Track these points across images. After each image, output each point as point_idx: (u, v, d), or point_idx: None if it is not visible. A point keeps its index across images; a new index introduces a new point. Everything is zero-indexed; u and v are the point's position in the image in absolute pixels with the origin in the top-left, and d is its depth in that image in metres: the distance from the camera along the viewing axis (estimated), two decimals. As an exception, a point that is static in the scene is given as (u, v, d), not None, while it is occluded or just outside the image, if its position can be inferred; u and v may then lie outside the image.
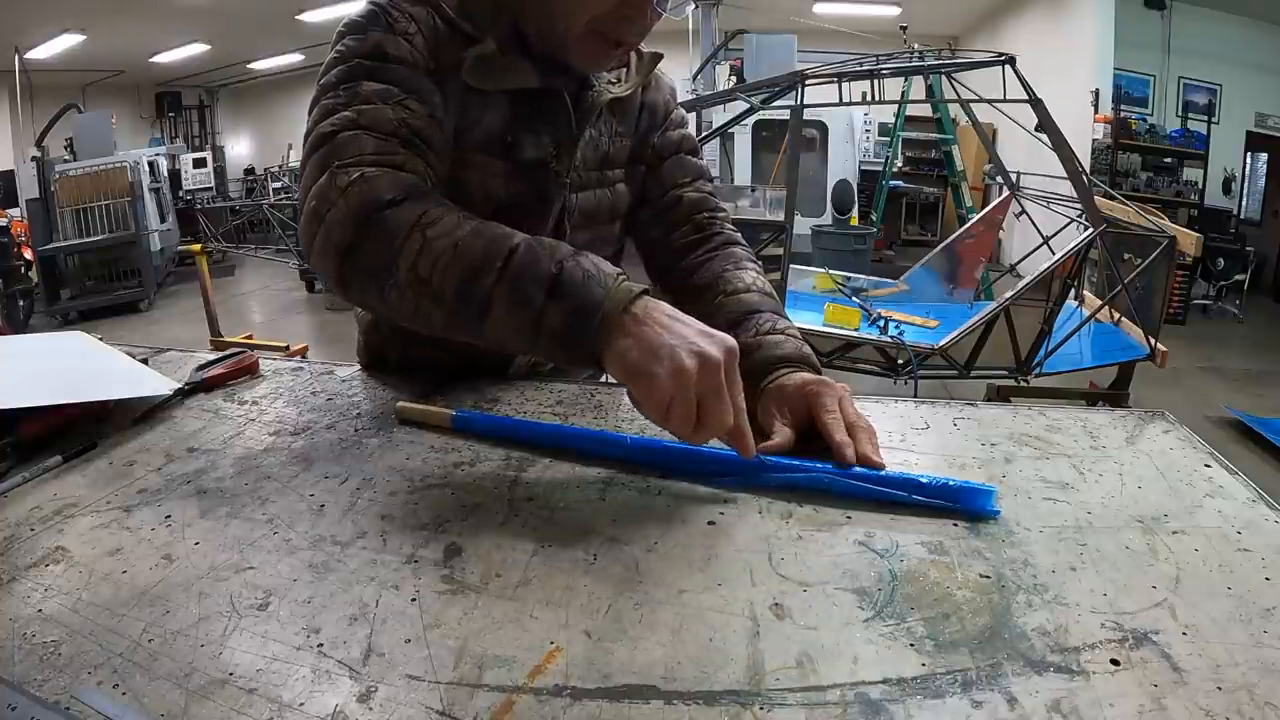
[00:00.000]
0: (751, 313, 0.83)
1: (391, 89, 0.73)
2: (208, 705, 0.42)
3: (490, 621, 0.48)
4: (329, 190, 0.68)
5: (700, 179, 0.99)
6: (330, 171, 0.68)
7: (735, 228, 0.98)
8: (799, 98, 3.37)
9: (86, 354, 0.91)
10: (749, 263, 0.92)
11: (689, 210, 0.96)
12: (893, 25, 7.71)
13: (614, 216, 0.96)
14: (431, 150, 0.73)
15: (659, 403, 0.57)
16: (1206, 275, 6.31)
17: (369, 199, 0.66)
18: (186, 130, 11.39)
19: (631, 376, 0.59)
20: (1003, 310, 3.20)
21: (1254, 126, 6.71)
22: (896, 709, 0.42)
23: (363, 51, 0.75)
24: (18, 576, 0.53)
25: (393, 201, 0.66)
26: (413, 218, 0.65)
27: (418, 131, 0.73)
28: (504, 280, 0.62)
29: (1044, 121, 3.29)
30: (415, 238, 0.64)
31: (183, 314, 6.39)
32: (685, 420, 0.57)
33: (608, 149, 0.93)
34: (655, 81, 0.99)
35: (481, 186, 0.83)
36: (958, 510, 0.60)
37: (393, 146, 0.70)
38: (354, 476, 0.67)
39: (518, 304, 0.61)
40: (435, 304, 0.65)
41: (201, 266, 4.31)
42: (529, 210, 0.86)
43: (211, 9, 7.67)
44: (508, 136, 0.83)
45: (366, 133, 0.70)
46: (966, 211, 6.85)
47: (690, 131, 1.03)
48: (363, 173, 0.68)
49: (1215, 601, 0.50)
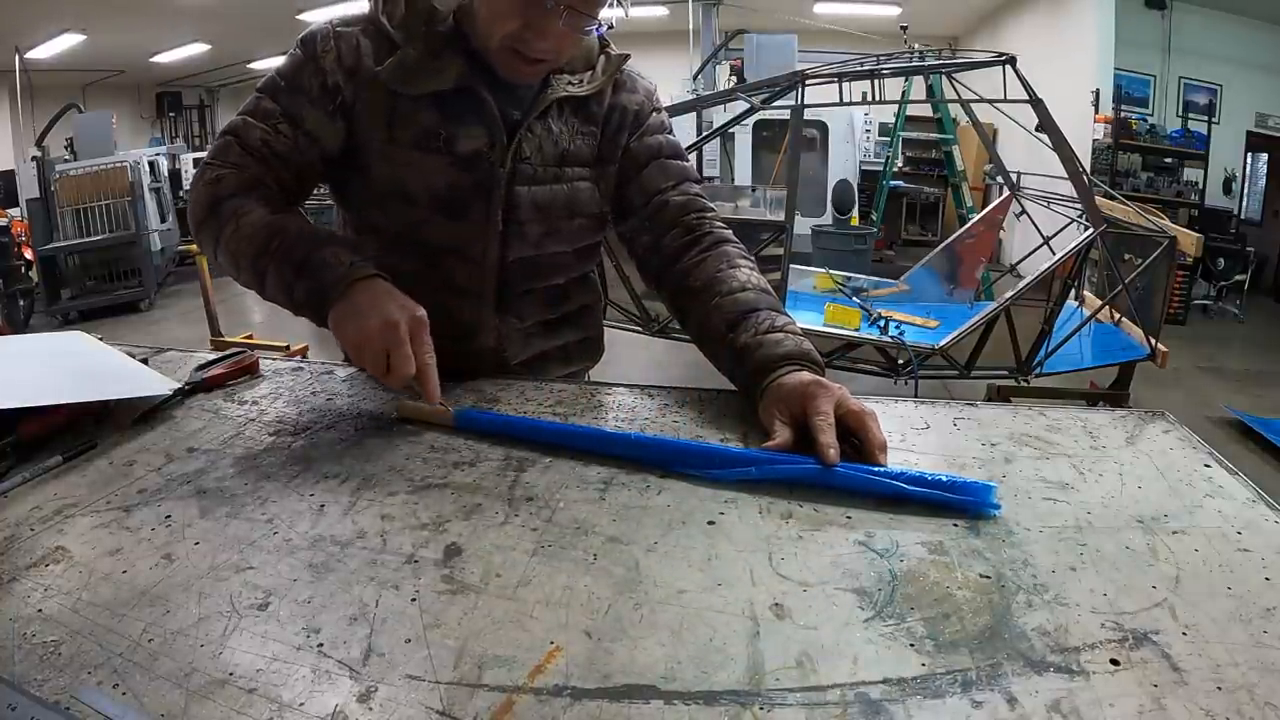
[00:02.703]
0: (749, 312, 0.84)
1: (275, 113, 0.89)
2: (208, 705, 0.42)
3: (490, 621, 0.48)
4: (198, 179, 0.90)
5: (685, 181, 1.00)
6: (203, 164, 0.90)
7: (726, 225, 0.98)
8: (799, 98, 3.37)
9: (86, 354, 0.91)
10: (742, 260, 0.92)
11: (677, 213, 0.97)
12: (893, 25, 7.70)
13: (572, 213, 0.97)
14: (285, 167, 0.90)
15: (353, 351, 0.77)
16: (1207, 275, 6.30)
17: (213, 194, 0.87)
18: (187, 130, 11.38)
19: (337, 332, 0.78)
20: (1003, 310, 3.20)
21: (1254, 127, 6.70)
22: (896, 709, 0.42)
23: (284, 71, 0.91)
24: (18, 576, 0.53)
25: (229, 196, 0.86)
26: (235, 209, 0.85)
27: (276, 153, 0.89)
28: (274, 260, 0.81)
29: (1044, 121, 3.28)
30: (231, 223, 0.84)
31: (183, 314, 6.38)
32: (375, 365, 0.74)
33: (568, 145, 0.95)
34: (630, 84, 1.00)
35: (421, 181, 0.90)
36: (958, 505, 0.60)
37: (248, 160, 0.88)
38: (354, 476, 0.67)
39: (280, 278, 0.81)
40: (239, 270, 0.85)
41: (202, 266, 4.30)
42: (470, 201, 0.91)
43: (211, 9, 7.67)
44: (441, 131, 0.89)
45: (239, 142, 0.89)
46: (967, 211, 6.85)
47: (672, 137, 1.03)
48: (218, 174, 0.87)
49: (1215, 601, 0.50)
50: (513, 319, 0.98)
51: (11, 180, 7.57)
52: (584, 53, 0.94)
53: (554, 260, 0.99)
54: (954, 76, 3.67)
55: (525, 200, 0.93)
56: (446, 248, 0.93)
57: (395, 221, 0.92)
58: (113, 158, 6.81)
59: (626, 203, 1.00)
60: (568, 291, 1.04)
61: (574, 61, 0.93)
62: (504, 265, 0.95)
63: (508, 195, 0.91)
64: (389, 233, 0.92)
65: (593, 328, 1.12)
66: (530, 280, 0.98)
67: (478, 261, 0.94)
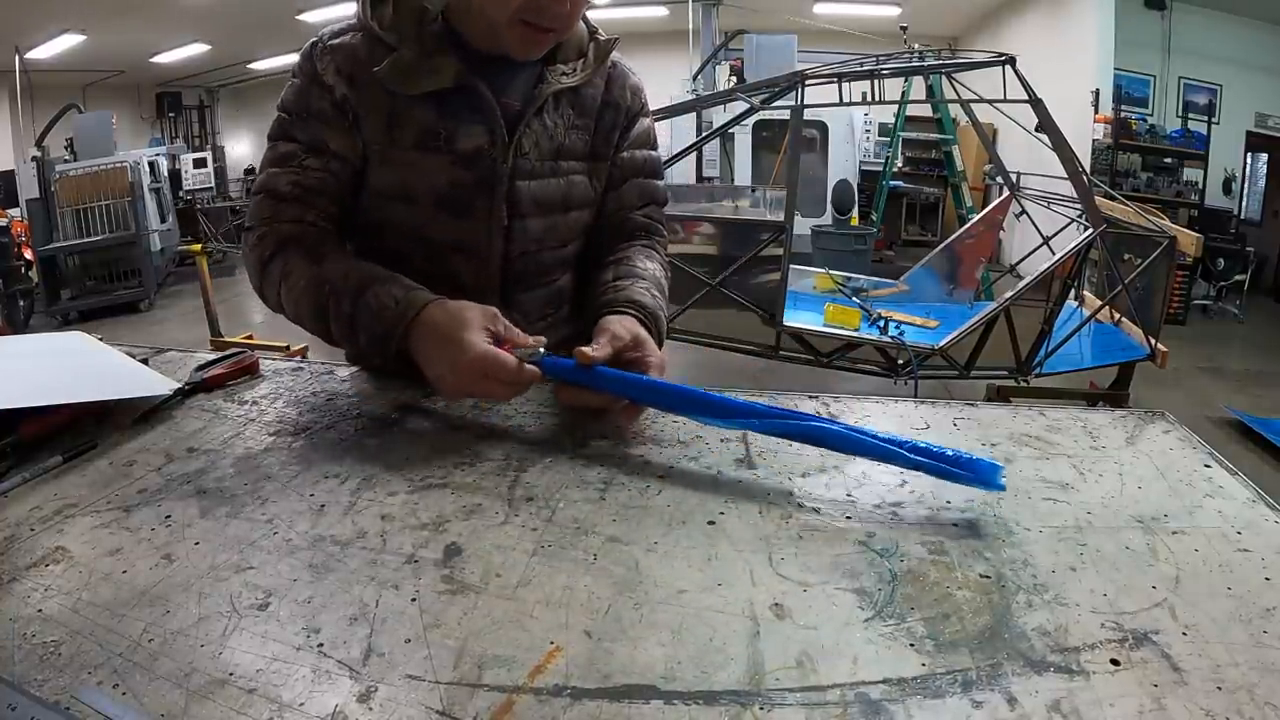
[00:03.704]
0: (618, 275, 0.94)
1: (296, 150, 0.90)
2: (208, 705, 0.42)
3: (490, 621, 0.48)
4: (244, 247, 0.93)
5: (651, 204, 1.06)
6: (245, 231, 0.93)
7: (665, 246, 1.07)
8: (799, 98, 3.37)
9: (86, 354, 0.91)
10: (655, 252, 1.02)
11: (633, 229, 1.04)
12: (893, 25, 7.70)
13: (569, 206, 0.98)
14: (325, 199, 0.91)
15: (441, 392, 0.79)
16: (1207, 275, 6.31)
17: (258, 258, 0.90)
18: (187, 130, 11.37)
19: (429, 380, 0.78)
20: (1003, 310, 3.20)
21: (1254, 127, 6.71)
22: (896, 709, 0.42)
23: (289, 104, 0.91)
24: (18, 576, 0.53)
25: (272, 257, 0.88)
26: (280, 270, 0.87)
27: (309, 188, 0.90)
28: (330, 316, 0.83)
29: (1044, 122, 3.29)
30: (283, 288, 0.88)
31: (183, 314, 6.38)
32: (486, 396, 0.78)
33: (563, 140, 0.96)
34: (621, 78, 1.01)
35: (424, 181, 0.90)
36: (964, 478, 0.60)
37: (283, 209, 0.89)
38: (354, 476, 0.67)
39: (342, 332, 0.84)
40: (312, 330, 0.88)
41: (202, 266, 4.31)
42: (472, 199, 0.92)
43: (211, 9, 7.67)
44: (440, 130, 0.89)
45: (269, 196, 0.90)
46: (966, 212, 6.85)
47: (654, 152, 1.07)
48: (258, 234, 0.90)
49: (1215, 601, 0.50)
50: (518, 315, 0.98)
51: (11, 180, 7.57)
52: (575, 40, 0.95)
53: (556, 255, 1.00)
54: (954, 76, 3.67)
55: (526, 195, 0.93)
56: (451, 245, 0.93)
57: (399, 221, 0.92)
58: (112, 158, 6.81)
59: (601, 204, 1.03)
60: (569, 287, 1.06)
61: (566, 50, 0.94)
62: (508, 260, 0.96)
63: (509, 191, 0.92)
64: (393, 232, 0.93)
65: None
66: (534, 275, 0.99)
67: (483, 258, 0.94)
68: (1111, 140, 6.58)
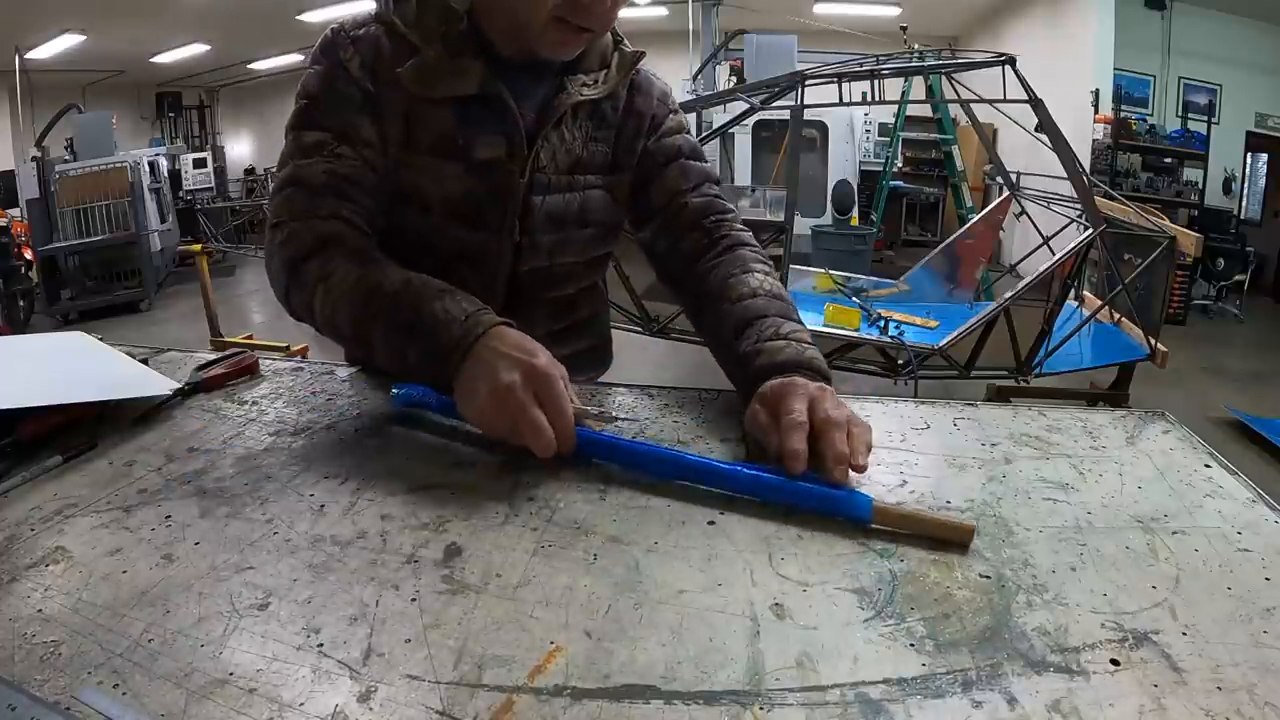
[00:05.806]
0: (755, 319, 0.80)
1: (326, 139, 0.84)
2: (208, 705, 0.42)
3: (490, 621, 0.48)
4: (270, 245, 0.85)
5: (705, 183, 0.97)
6: (271, 228, 0.85)
7: (745, 227, 0.95)
8: (799, 98, 3.37)
9: (87, 354, 0.91)
10: (757, 264, 0.89)
11: (695, 216, 0.94)
12: (893, 25, 7.70)
13: (584, 222, 0.94)
14: (360, 191, 0.84)
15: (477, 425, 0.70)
16: (1207, 275, 6.31)
17: (289, 258, 0.82)
18: (187, 130, 11.37)
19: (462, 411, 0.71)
20: (1003, 310, 3.20)
21: (1254, 127, 6.71)
22: (896, 709, 0.42)
23: (313, 91, 0.86)
24: (18, 576, 0.53)
25: (306, 257, 0.81)
26: (317, 273, 0.80)
27: (345, 178, 0.83)
28: (377, 324, 0.76)
29: (1044, 122, 3.29)
30: (319, 290, 0.79)
31: (183, 314, 6.38)
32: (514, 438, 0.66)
33: (581, 152, 0.92)
34: (646, 86, 0.97)
35: (437, 188, 0.87)
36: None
37: (317, 202, 0.82)
38: (354, 476, 0.67)
39: (389, 344, 0.76)
40: (342, 338, 0.82)
41: (201, 267, 4.31)
42: (485, 210, 0.88)
43: (211, 9, 7.67)
44: (459, 138, 0.86)
45: (298, 189, 0.83)
46: (966, 212, 6.85)
47: (691, 138, 1.00)
48: (290, 230, 0.82)
49: (1215, 601, 0.50)
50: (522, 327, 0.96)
51: (11, 180, 7.57)
52: (599, 48, 0.91)
53: (565, 270, 0.96)
54: (954, 77, 3.67)
55: (538, 210, 0.90)
56: (459, 256, 0.90)
57: (408, 228, 0.89)
58: (112, 158, 6.82)
59: (646, 204, 0.97)
60: (576, 301, 1.02)
61: (589, 58, 0.90)
62: (515, 275, 0.93)
63: (523, 204, 0.89)
64: (400, 238, 0.89)
65: (600, 335, 1.11)
66: (540, 290, 0.96)
67: (491, 269, 0.91)
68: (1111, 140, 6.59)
